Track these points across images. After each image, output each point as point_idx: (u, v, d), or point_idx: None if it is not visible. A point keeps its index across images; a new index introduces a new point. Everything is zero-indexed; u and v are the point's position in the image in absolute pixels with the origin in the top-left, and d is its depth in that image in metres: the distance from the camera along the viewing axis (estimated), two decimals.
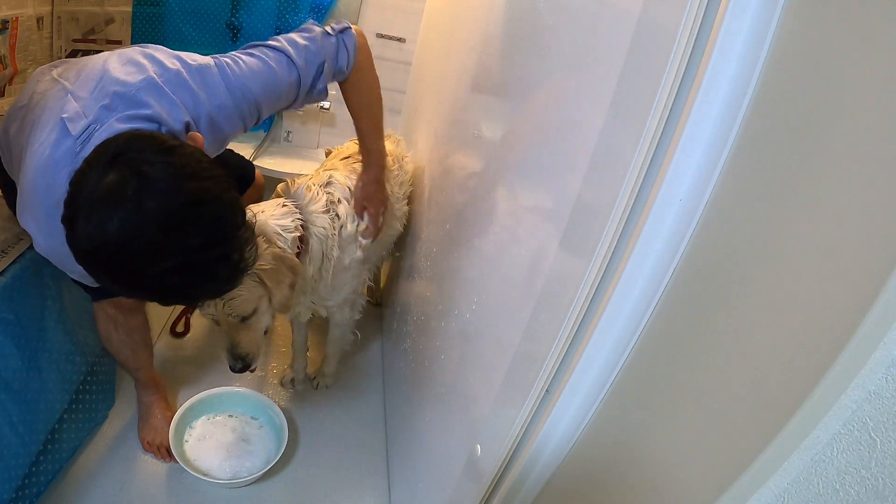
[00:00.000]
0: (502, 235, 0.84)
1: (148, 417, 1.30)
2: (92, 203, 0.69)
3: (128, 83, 0.87)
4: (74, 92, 0.89)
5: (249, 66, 0.98)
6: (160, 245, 0.70)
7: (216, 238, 0.74)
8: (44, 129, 0.87)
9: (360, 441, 1.45)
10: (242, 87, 0.96)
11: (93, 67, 0.92)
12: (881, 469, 0.36)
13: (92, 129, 0.84)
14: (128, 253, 0.69)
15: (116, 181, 0.69)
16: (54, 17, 1.55)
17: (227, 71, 0.96)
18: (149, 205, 0.68)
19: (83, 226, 0.69)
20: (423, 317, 1.25)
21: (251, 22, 1.94)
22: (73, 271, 0.95)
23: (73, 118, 0.85)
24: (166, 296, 0.78)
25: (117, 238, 0.68)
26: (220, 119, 0.95)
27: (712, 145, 0.49)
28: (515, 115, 0.87)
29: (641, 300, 0.56)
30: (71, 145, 0.83)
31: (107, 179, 0.69)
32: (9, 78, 1.39)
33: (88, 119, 0.84)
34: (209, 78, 0.94)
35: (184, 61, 0.94)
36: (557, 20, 0.74)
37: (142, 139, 0.74)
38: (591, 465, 0.64)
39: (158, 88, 0.88)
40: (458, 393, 0.94)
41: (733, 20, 0.45)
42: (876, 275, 0.34)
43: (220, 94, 0.94)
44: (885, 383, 0.35)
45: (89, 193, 0.70)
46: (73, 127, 0.84)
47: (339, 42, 1.08)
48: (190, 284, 0.76)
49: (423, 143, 1.57)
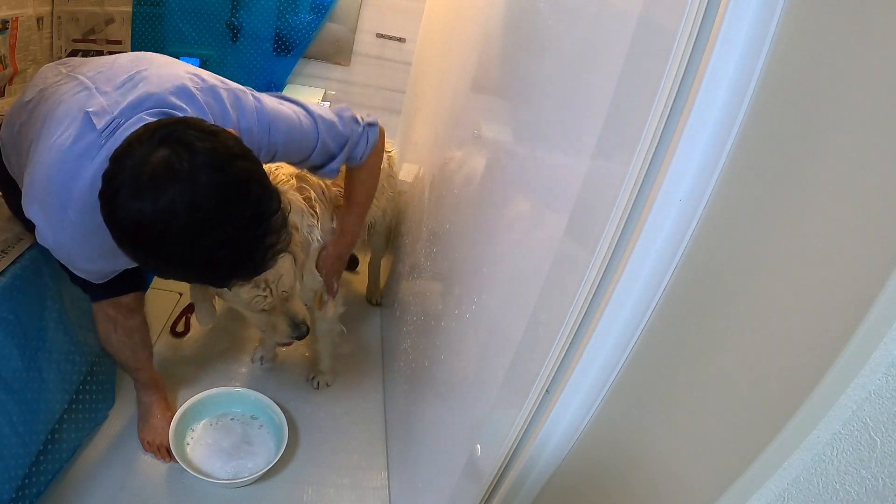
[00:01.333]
0: (502, 235, 0.84)
1: (148, 418, 1.30)
2: (142, 178, 0.69)
3: (161, 84, 0.88)
4: (99, 87, 0.88)
5: (281, 110, 0.99)
6: (213, 218, 0.71)
7: (261, 216, 0.77)
8: (61, 123, 0.86)
9: (360, 441, 1.45)
10: (270, 123, 0.97)
11: (119, 66, 0.92)
12: (881, 469, 0.36)
13: (117, 123, 0.84)
14: (181, 226, 0.70)
15: (168, 156, 0.70)
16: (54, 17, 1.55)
17: (260, 102, 0.97)
18: (203, 178, 0.70)
19: (132, 201, 0.69)
20: (422, 317, 1.25)
21: (251, 22, 1.94)
22: (77, 267, 0.94)
23: (98, 112, 0.85)
24: (209, 273, 0.79)
25: (171, 211, 0.69)
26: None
27: (712, 145, 0.49)
28: (515, 115, 0.87)
29: (641, 300, 0.56)
30: (94, 139, 0.83)
31: (157, 155, 0.70)
32: (9, 78, 1.39)
33: (114, 114, 0.84)
34: (243, 101, 0.95)
35: (221, 79, 0.96)
36: (557, 20, 0.74)
37: (188, 121, 0.76)
38: (591, 464, 0.64)
39: (191, 95, 0.89)
40: (458, 393, 0.94)
41: (733, 20, 0.45)
42: (876, 275, 0.34)
43: (249, 118, 0.95)
44: (885, 383, 0.35)
45: (138, 169, 0.70)
46: (97, 121, 0.84)
47: (364, 133, 1.13)
48: (234, 263, 0.77)
49: (423, 142, 1.57)
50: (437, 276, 1.18)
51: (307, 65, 2.01)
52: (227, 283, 0.89)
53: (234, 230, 0.74)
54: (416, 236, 1.47)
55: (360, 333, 1.83)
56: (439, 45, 1.56)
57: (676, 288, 0.54)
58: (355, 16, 1.96)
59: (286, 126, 1.00)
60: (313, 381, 1.56)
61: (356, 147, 1.12)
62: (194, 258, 0.74)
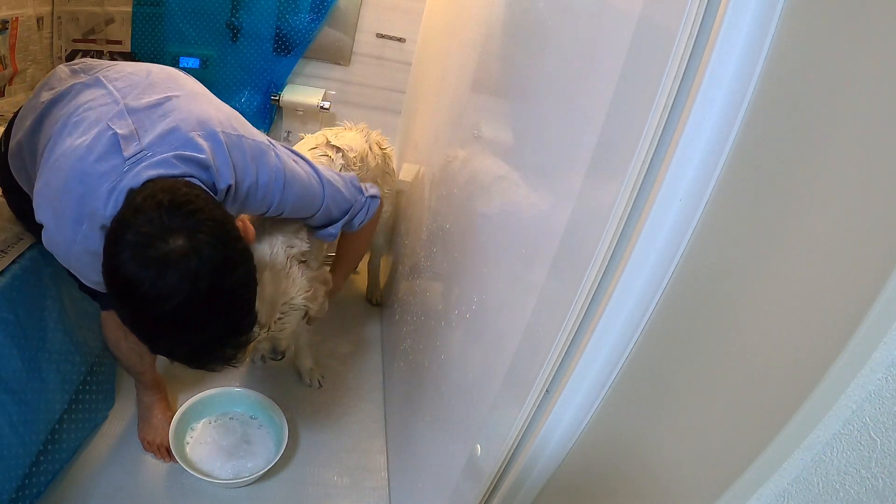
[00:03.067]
0: (502, 235, 0.84)
1: (148, 417, 1.30)
2: (150, 253, 0.73)
3: (191, 121, 0.88)
4: (128, 104, 0.89)
5: (297, 171, 1.03)
6: (194, 322, 0.77)
7: (235, 332, 0.83)
8: (85, 133, 0.86)
9: (360, 441, 1.45)
10: (286, 183, 1.00)
11: (150, 84, 0.93)
12: (881, 469, 0.36)
13: (143, 154, 0.84)
14: (164, 313, 0.74)
15: (181, 247, 0.74)
16: (54, 17, 1.55)
17: (280, 161, 0.99)
18: (202, 286, 0.74)
19: (135, 266, 0.73)
20: (423, 317, 1.25)
21: (251, 22, 1.94)
22: (88, 278, 0.94)
23: (127, 137, 0.85)
24: (160, 350, 0.83)
25: (164, 297, 0.73)
26: (257, 196, 0.97)
27: (712, 145, 0.49)
28: (515, 115, 0.87)
29: (641, 300, 0.56)
30: (119, 164, 0.84)
31: (174, 242, 0.74)
32: (9, 78, 1.39)
33: (142, 145, 0.85)
34: (266, 158, 0.97)
35: (246, 127, 0.97)
36: (557, 20, 0.74)
37: (205, 209, 0.78)
38: (591, 464, 0.64)
39: (219, 143, 0.89)
40: (458, 393, 0.94)
41: (733, 20, 0.45)
42: (876, 275, 0.34)
43: (269, 175, 0.97)
44: (885, 383, 0.35)
45: (149, 240, 0.73)
46: (125, 146, 0.84)
47: (366, 204, 1.20)
48: (188, 357, 0.83)
49: (423, 142, 1.57)
50: (437, 276, 1.18)
51: (307, 65, 2.01)
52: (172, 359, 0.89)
53: (205, 337, 0.80)
54: (416, 236, 1.47)
55: (360, 333, 1.83)
56: (439, 45, 1.56)
57: (676, 288, 0.54)
58: (355, 16, 1.96)
59: (300, 188, 1.03)
60: (312, 382, 1.56)
61: (356, 216, 1.19)
62: (158, 337, 0.80)
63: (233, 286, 0.79)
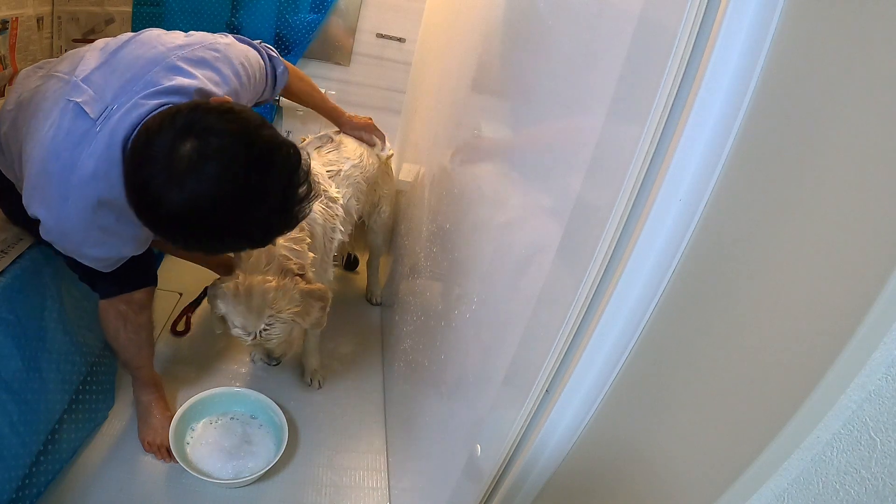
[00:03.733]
0: (502, 235, 0.84)
1: (147, 418, 1.30)
2: (178, 168, 0.74)
3: (147, 66, 0.90)
4: (78, 76, 0.90)
5: (250, 56, 1.09)
6: (256, 188, 0.77)
7: (292, 173, 0.83)
8: (48, 117, 0.87)
9: (360, 441, 1.45)
10: (257, 72, 1.07)
11: (92, 55, 0.94)
12: (881, 469, 0.36)
13: (111, 109, 0.86)
14: (229, 203, 0.76)
15: (198, 146, 0.74)
16: (54, 17, 1.55)
17: (247, 58, 1.05)
18: (238, 156, 0.75)
19: (173, 191, 0.74)
20: (423, 317, 1.25)
21: (251, 22, 1.94)
22: (86, 254, 0.95)
23: (88, 102, 0.86)
24: (260, 237, 0.85)
25: (218, 192, 0.75)
26: (240, 97, 1.02)
27: (712, 145, 0.49)
28: (515, 115, 0.87)
29: (641, 300, 0.56)
30: (89, 127, 0.85)
31: (186, 146, 0.74)
32: (9, 78, 1.39)
33: (106, 101, 0.86)
34: (231, 61, 1.01)
35: (203, 41, 1.00)
36: (557, 20, 0.74)
37: (199, 105, 0.80)
38: (591, 464, 0.64)
39: (178, 68, 0.92)
40: (459, 393, 0.94)
41: (733, 20, 0.45)
42: (876, 275, 0.34)
43: (243, 74, 1.03)
44: (885, 383, 0.35)
45: (169, 160, 0.74)
46: (90, 109, 0.85)
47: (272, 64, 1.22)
48: (281, 222, 0.85)
49: (423, 142, 1.57)
50: (437, 275, 1.18)
51: (307, 65, 2.01)
52: (271, 241, 0.91)
53: (276, 194, 0.80)
54: (415, 236, 1.47)
55: (360, 333, 1.83)
56: (439, 45, 1.56)
57: (676, 288, 0.54)
58: (355, 16, 1.96)
59: (260, 69, 1.10)
60: (312, 382, 1.56)
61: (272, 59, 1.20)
62: (248, 227, 0.81)
63: (264, 142, 0.79)
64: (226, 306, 1.13)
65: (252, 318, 1.10)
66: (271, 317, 1.10)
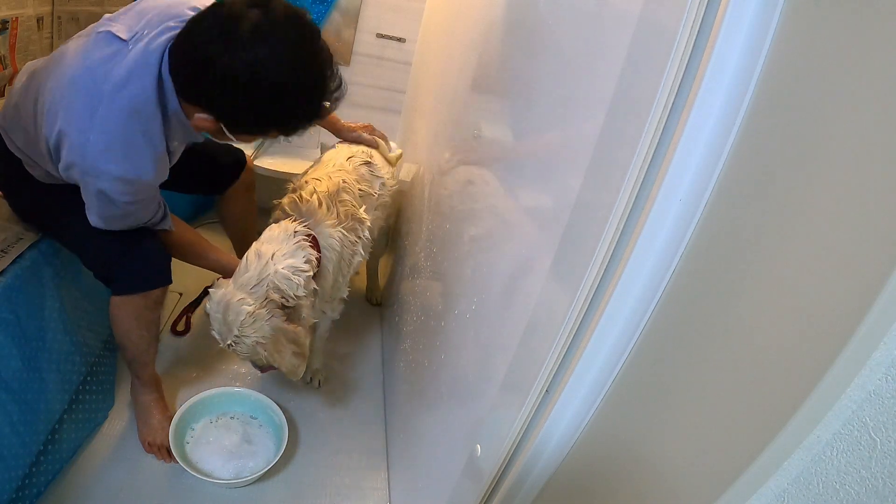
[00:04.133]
0: (502, 235, 0.84)
1: (147, 418, 1.30)
2: (242, 36, 0.85)
3: (171, 10, 0.98)
4: (111, 18, 0.98)
5: None
6: (311, 55, 0.91)
7: (332, 61, 0.96)
8: (76, 50, 0.94)
9: (360, 441, 1.45)
10: None
11: (113, 16, 1.01)
12: (881, 469, 0.36)
13: (142, 33, 0.93)
14: (286, 67, 0.88)
15: (262, 14, 0.86)
16: (54, 17, 1.55)
17: None
18: (297, 26, 0.89)
19: (240, 54, 0.85)
20: (423, 317, 1.25)
21: None
22: (102, 173, 0.95)
23: (119, 29, 0.94)
24: (291, 118, 0.96)
25: (278, 55, 0.86)
26: None
27: (712, 145, 0.49)
28: (515, 115, 0.87)
29: (641, 300, 0.56)
30: (121, 46, 0.93)
31: (252, 14, 0.85)
32: (9, 78, 1.39)
33: (136, 28, 0.94)
34: None
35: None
36: (557, 20, 0.74)
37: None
38: (591, 464, 0.64)
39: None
40: (459, 393, 0.94)
41: (733, 20, 0.45)
42: (876, 275, 0.34)
43: None
44: (885, 383, 0.35)
45: (234, 28, 0.85)
46: (122, 34, 0.93)
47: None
48: (311, 109, 0.97)
49: (423, 142, 1.57)
50: (437, 275, 1.18)
51: None
52: (294, 131, 1.01)
53: (318, 73, 0.92)
54: (415, 236, 1.47)
55: (360, 333, 1.83)
56: (439, 45, 1.56)
57: (676, 288, 0.54)
58: (355, 16, 1.96)
59: None
60: (312, 382, 1.56)
61: None
62: (291, 99, 0.91)
63: (311, 24, 0.92)
64: (209, 308, 1.13)
65: (224, 329, 1.10)
66: (237, 337, 1.09)
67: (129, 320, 1.17)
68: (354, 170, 1.35)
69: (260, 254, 1.11)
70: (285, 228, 1.15)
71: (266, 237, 1.15)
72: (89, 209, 1.01)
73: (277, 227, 1.16)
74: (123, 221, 1.06)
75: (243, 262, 1.13)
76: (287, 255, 1.11)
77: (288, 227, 1.15)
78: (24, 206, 1.16)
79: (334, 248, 1.20)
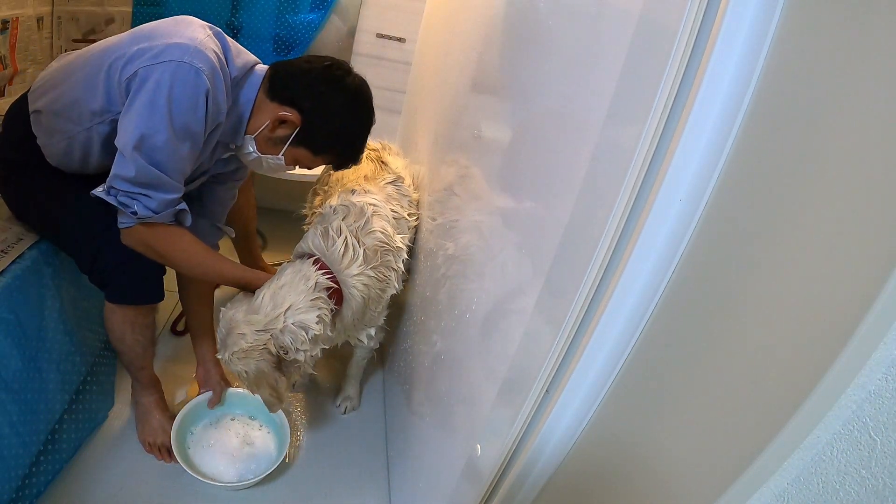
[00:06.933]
0: (502, 235, 0.84)
1: (147, 419, 1.30)
2: (352, 82, 1.12)
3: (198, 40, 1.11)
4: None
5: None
6: (369, 101, 1.16)
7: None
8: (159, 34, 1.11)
9: (360, 441, 1.45)
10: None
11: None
12: (881, 469, 0.36)
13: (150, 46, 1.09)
14: (362, 105, 1.14)
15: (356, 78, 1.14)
16: (54, 17, 1.55)
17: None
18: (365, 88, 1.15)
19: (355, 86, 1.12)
20: (423, 317, 1.25)
21: (251, 22, 1.94)
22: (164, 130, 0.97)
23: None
24: (342, 143, 1.16)
25: (364, 96, 1.14)
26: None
27: (712, 145, 0.49)
28: (515, 116, 0.87)
29: (641, 300, 0.56)
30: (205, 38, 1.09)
31: (352, 77, 1.13)
32: (9, 78, 1.39)
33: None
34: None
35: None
36: (557, 20, 0.74)
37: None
38: (591, 465, 0.64)
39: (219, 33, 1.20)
40: (458, 393, 0.94)
41: (733, 20, 0.45)
42: (876, 275, 0.34)
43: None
44: (885, 383, 0.35)
45: (347, 79, 1.11)
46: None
47: None
48: (350, 152, 1.18)
49: (423, 143, 1.57)
50: (437, 276, 1.18)
51: None
52: (334, 161, 1.19)
53: (366, 120, 1.16)
54: (415, 236, 1.47)
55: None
56: (439, 45, 1.56)
57: (676, 288, 0.54)
58: (355, 16, 1.96)
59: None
60: (340, 407, 1.53)
61: None
62: (355, 128, 1.15)
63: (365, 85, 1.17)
64: (220, 317, 1.12)
65: (221, 345, 1.10)
66: (228, 358, 1.08)
67: (123, 326, 1.17)
68: (381, 189, 1.29)
69: (276, 301, 1.07)
70: (307, 277, 1.10)
71: (288, 279, 1.09)
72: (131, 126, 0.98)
73: (300, 271, 1.11)
74: (153, 156, 0.99)
75: (258, 297, 1.08)
76: (301, 311, 1.06)
77: (310, 275, 1.10)
78: (22, 204, 1.16)
79: (357, 296, 1.15)
